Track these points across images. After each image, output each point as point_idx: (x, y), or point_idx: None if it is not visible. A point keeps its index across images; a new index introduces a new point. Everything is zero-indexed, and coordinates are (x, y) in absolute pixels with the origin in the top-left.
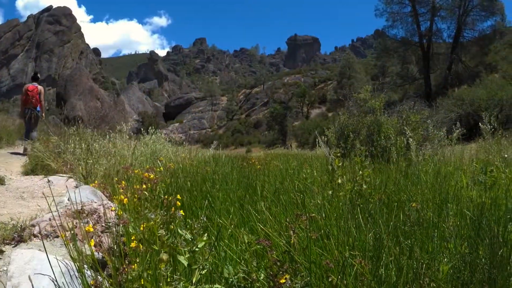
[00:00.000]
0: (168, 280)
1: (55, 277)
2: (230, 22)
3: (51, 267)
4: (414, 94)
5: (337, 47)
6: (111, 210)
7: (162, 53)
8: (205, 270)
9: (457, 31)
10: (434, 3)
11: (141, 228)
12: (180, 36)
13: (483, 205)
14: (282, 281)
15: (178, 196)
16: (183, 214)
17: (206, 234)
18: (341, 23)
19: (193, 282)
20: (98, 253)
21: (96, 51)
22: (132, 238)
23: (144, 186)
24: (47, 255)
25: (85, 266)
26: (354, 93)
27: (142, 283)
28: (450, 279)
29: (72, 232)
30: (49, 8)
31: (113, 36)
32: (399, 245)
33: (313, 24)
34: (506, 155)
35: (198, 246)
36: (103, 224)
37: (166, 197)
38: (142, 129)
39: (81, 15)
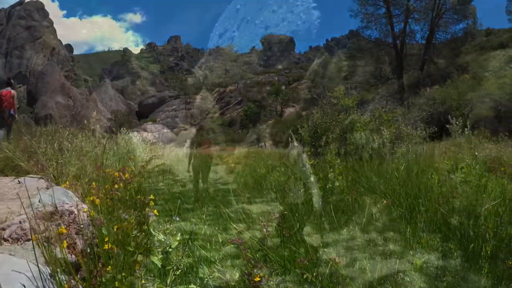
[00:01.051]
0: (143, 281)
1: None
2: (205, 20)
3: (23, 272)
4: (387, 94)
5: (312, 46)
6: (83, 212)
7: (136, 50)
8: (180, 271)
9: (430, 33)
10: (408, 5)
11: (115, 229)
12: (155, 33)
13: (454, 201)
14: (257, 279)
15: (152, 196)
16: (157, 214)
17: (180, 234)
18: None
19: (168, 283)
20: (71, 255)
21: (69, 48)
22: (105, 240)
23: (116, 186)
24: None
25: (58, 270)
26: (327, 92)
27: (117, 285)
28: (423, 273)
29: (44, 235)
30: (21, 2)
31: (87, 32)
32: (373, 240)
33: (288, 23)
34: (476, 153)
35: (172, 246)
36: (75, 226)
37: (138, 197)
38: (114, 128)
39: (54, 10)
